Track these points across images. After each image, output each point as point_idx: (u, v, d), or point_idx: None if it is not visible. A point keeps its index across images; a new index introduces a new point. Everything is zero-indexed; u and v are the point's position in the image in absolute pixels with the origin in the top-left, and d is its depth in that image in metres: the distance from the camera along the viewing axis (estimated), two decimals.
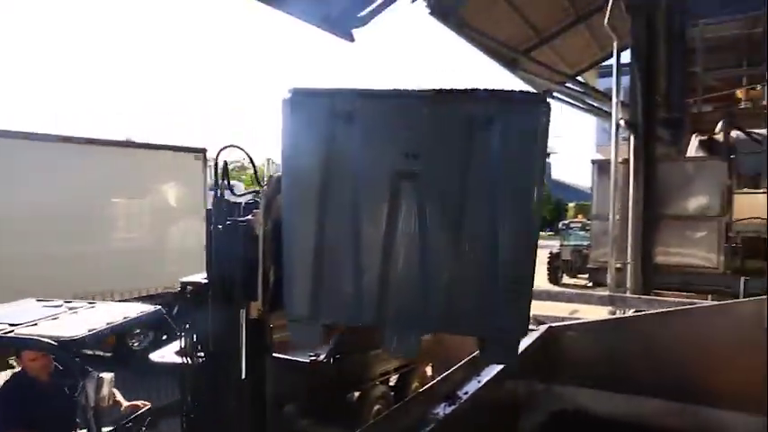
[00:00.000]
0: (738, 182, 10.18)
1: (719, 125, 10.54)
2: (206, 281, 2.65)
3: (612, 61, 9.17)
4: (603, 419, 3.26)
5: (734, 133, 10.43)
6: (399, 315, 2.06)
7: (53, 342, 3.16)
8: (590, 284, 13.19)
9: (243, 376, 2.49)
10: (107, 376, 2.97)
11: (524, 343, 2.91)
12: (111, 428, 3.34)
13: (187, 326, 2.65)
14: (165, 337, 3.95)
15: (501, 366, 2.78)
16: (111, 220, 9.92)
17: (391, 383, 6.85)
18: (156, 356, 3.28)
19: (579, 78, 14.03)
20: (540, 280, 17.28)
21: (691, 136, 10.42)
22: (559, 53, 12.88)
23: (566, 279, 20.80)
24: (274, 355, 2.90)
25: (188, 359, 2.61)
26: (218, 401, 2.56)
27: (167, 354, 3.13)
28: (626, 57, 9.01)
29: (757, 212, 8.42)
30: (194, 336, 2.62)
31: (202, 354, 2.60)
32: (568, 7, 11.60)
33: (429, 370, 6.36)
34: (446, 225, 1.98)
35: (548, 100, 1.94)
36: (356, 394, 6.00)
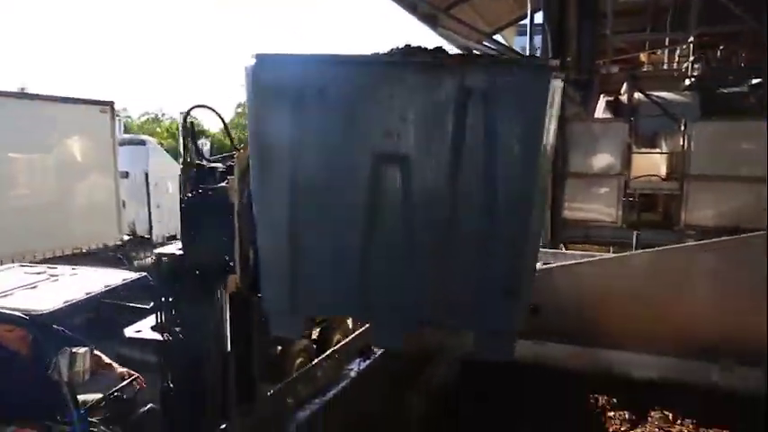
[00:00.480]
0: (638, 141, 10.98)
1: (624, 87, 11.19)
2: (181, 252, 2.53)
3: (527, 21, 9.42)
4: (509, 364, 3.54)
5: (636, 95, 11.11)
6: (385, 308, 1.89)
7: (24, 316, 2.96)
8: None
9: (228, 349, 2.42)
10: (81, 350, 2.83)
11: None
12: (100, 397, 3.19)
13: (163, 299, 2.53)
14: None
15: None
16: (9, 178, 9.18)
17: (314, 337, 6.98)
18: (130, 331, 3.13)
19: (498, 37, 14.27)
20: None
21: (600, 96, 11.02)
22: (479, 11, 13.01)
23: None
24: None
25: (165, 335, 2.50)
26: (198, 377, 2.47)
27: (144, 328, 3.01)
28: (541, 17, 9.28)
29: (653, 170, 9.14)
30: (171, 310, 2.50)
31: (180, 329, 2.49)
32: None
33: (350, 322, 6.53)
34: (435, 215, 1.74)
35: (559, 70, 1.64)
36: (278, 348, 6.08)
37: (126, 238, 12.15)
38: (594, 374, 3.25)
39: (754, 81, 10.95)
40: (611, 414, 3.06)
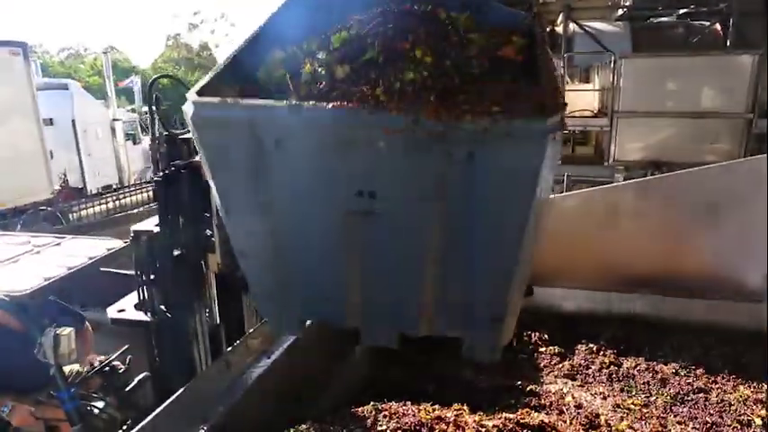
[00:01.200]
0: (572, 75, 11.23)
1: (560, 18, 11.27)
2: (159, 230, 2.50)
3: None
4: None
5: (571, 26, 11.23)
6: (373, 318, 1.85)
7: (4, 297, 2.87)
8: None
9: (218, 322, 2.40)
10: (66, 331, 2.74)
11: None
12: (94, 368, 3.15)
13: (144, 277, 2.45)
14: None
15: None
16: None
17: None
18: (113, 311, 2.99)
19: None
20: None
21: None
22: None
23: None
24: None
25: (149, 313, 2.44)
26: (187, 354, 2.46)
27: (126, 307, 2.93)
28: None
29: (586, 106, 9.45)
30: (154, 288, 2.44)
31: (165, 308, 2.44)
32: None
33: None
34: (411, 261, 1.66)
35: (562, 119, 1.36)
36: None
37: (57, 189, 11.60)
38: (527, 312, 3.49)
39: (682, 11, 11.27)
40: (543, 349, 3.34)
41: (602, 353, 3.26)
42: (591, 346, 3.32)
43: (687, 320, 3.45)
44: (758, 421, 2.60)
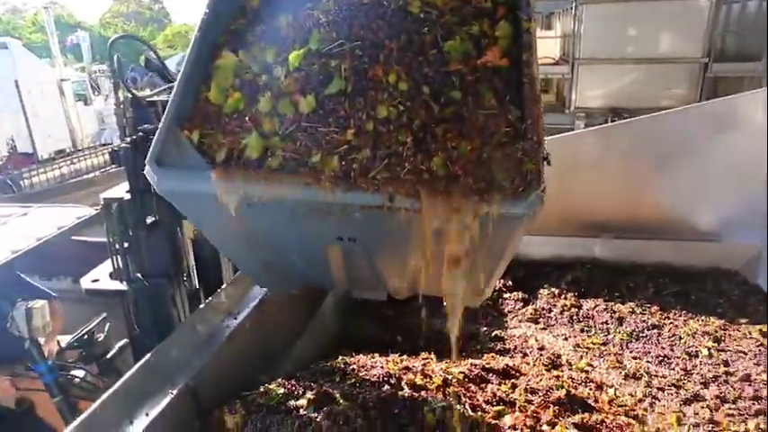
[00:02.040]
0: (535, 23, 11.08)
1: None
2: (129, 197, 2.42)
3: None
4: None
5: None
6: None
7: None
8: None
9: (197, 286, 2.36)
10: (38, 304, 2.68)
11: None
12: (72, 337, 3.08)
13: (117, 246, 2.38)
14: None
15: None
16: None
17: None
18: (87, 282, 2.90)
19: None
20: None
21: None
22: None
23: None
24: None
25: (125, 282, 2.38)
26: (166, 320, 2.44)
27: (100, 277, 2.86)
28: None
29: (548, 53, 9.45)
30: (128, 256, 2.37)
31: (140, 275, 2.38)
32: None
33: None
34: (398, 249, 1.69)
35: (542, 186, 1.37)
36: None
37: (5, 156, 11.08)
38: None
39: None
40: (507, 295, 3.44)
41: (563, 296, 3.38)
42: (553, 290, 3.44)
43: (642, 262, 3.61)
44: (704, 351, 2.77)
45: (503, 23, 1.49)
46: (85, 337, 3.19)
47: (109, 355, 3.17)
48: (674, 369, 2.68)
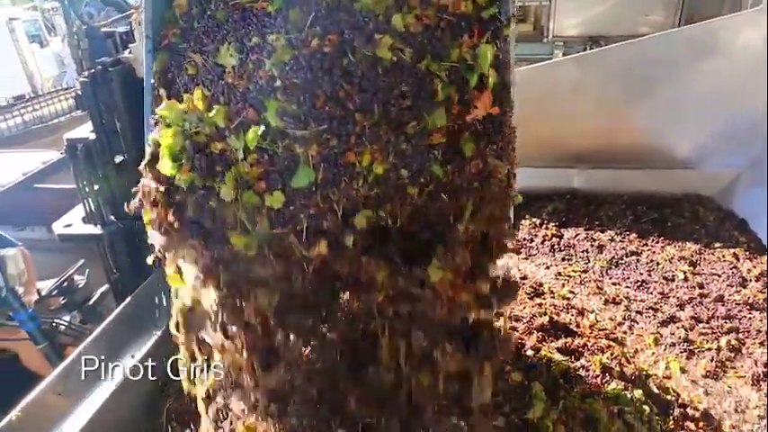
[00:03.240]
0: None
1: None
2: (95, 137, 2.28)
3: None
4: None
5: None
6: None
7: None
8: None
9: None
10: (10, 252, 2.61)
11: None
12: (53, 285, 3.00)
13: (87, 189, 2.26)
14: None
15: None
16: None
17: None
18: (59, 227, 2.76)
19: None
20: None
21: None
22: None
23: None
24: None
25: (99, 225, 2.28)
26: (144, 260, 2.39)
27: (73, 221, 2.72)
28: None
29: None
30: (99, 198, 2.26)
31: (114, 217, 2.28)
32: None
33: None
34: None
35: None
36: None
37: None
38: None
39: None
40: None
41: (544, 226, 3.42)
42: (534, 220, 3.47)
43: (620, 191, 3.64)
44: (681, 275, 2.85)
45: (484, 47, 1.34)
46: (65, 284, 3.13)
47: (91, 302, 3.13)
48: (651, 293, 2.76)
